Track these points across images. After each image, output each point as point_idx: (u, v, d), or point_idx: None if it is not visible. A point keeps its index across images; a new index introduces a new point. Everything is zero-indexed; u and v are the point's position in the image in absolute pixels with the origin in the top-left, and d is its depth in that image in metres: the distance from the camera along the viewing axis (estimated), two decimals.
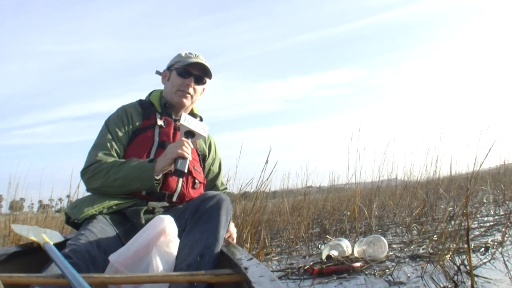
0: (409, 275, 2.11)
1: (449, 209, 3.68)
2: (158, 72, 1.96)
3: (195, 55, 1.90)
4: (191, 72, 1.85)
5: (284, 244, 3.75)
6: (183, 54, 1.89)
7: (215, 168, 2.04)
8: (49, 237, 1.50)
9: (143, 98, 1.94)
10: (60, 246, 1.39)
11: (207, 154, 1.99)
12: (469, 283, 1.83)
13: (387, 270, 2.24)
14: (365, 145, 4.66)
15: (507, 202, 4.17)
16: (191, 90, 1.86)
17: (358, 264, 2.41)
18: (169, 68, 1.91)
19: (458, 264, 1.95)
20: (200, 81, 1.89)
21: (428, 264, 2.19)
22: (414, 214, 4.20)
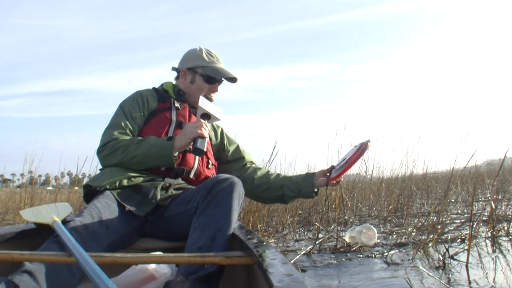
0: (402, 258, 2.47)
1: (426, 205, 4.08)
2: (174, 69, 2.01)
3: (216, 58, 1.96)
4: (216, 79, 1.93)
5: (271, 229, 4.00)
6: (204, 56, 1.94)
7: (238, 150, 2.10)
8: (58, 211, 1.51)
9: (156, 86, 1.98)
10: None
11: (218, 140, 2.04)
12: (453, 263, 2.22)
13: (384, 253, 2.58)
14: (351, 142, 5.02)
15: (474, 203, 4.65)
16: (215, 93, 1.95)
17: (353, 248, 2.75)
18: (192, 69, 1.93)
19: (443, 252, 2.33)
20: (221, 83, 1.97)
21: (417, 251, 2.55)
22: (390, 208, 4.61)
